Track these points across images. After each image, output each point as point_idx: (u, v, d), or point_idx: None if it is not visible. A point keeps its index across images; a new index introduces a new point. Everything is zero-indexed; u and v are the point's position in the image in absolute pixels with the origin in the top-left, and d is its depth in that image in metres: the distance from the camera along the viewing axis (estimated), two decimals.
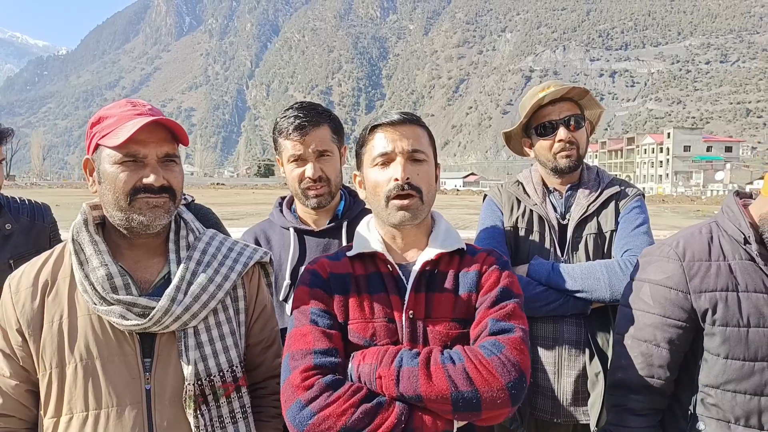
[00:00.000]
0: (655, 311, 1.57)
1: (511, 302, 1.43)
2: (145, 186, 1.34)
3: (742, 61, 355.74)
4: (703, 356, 1.56)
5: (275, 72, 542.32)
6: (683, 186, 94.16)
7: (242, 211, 30.08)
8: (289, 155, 1.91)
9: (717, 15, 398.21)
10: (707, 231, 1.61)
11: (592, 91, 1.96)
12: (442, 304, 1.44)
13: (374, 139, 1.50)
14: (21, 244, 2.08)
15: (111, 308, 1.33)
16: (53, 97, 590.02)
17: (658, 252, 1.63)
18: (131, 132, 1.29)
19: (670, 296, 1.55)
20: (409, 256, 1.52)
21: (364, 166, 1.53)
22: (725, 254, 1.54)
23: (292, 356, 1.36)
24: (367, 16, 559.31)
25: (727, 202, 1.61)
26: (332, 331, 1.41)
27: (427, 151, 1.50)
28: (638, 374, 1.59)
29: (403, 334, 1.41)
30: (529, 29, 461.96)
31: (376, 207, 1.51)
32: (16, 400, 1.37)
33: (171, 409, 1.36)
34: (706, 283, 1.52)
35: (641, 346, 1.59)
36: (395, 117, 1.49)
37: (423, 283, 1.46)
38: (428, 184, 1.49)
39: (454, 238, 1.54)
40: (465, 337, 1.42)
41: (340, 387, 1.30)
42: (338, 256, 1.56)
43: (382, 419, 1.25)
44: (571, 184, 2.15)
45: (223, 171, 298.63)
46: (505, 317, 1.39)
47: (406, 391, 1.27)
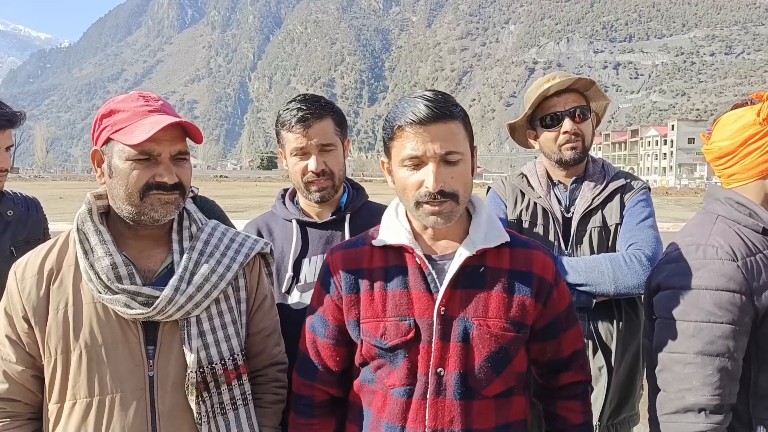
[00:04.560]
0: (724, 320, 1.41)
1: (577, 325, 1.52)
2: (158, 183, 1.36)
3: (746, 53, 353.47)
4: (758, 358, 1.47)
5: (278, 64, 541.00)
6: (687, 178, 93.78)
7: (246, 204, 30.08)
8: (292, 148, 1.89)
9: (722, 6, 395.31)
10: (725, 225, 1.53)
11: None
12: (493, 303, 1.36)
13: (402, 137, 1.33)
14: (20, 232, 2.13)
15: (115, 297, 1.35)
16: (56, 89, 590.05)
17: (703, 255, 1.47)
18: (151, 133, 1.31)
19: (736, 300, 1.41)
20: (441, 247, 1.43)
21: (393, 161, 1.39)
22: (757, 246, 1.48)
23: (300, 353, 1.56)
24: (369, 8, 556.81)
25: (727, 194, 1.56)
26: (325, 341, 1.49)
27: (463, 148, 1.34)
28: (714, 393, 1.40)
29: (434, 331, 1.34)
30: (533, 21, 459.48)
31: (407, 205, 1.40)
32: (21, 385, 1.40)
33: (173, 396, 1.39)
34: (762, 279, 1.43)
35: (715, 362, 1.40)
36: (424, 113, 1.29)
37: (463, 279, 1.37)
38: (464, 184, 1.35)
39: (497, 230, 1.43)
40: (518, 341, 1.38)
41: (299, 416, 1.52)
42: (359, 243, 1.50)
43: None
44: (576, 176, 2.12)
45: (226, 163, 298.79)
46: (577, 338, 1.51)
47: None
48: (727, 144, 1.53)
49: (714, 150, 1.58)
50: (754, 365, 1.47)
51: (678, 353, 1.45)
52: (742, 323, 1.41)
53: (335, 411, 1.54)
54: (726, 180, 1.58)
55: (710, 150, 1.59)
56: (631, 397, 2.09)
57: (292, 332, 1.70)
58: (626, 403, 2.07)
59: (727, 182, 1.58)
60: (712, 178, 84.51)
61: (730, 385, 1.42)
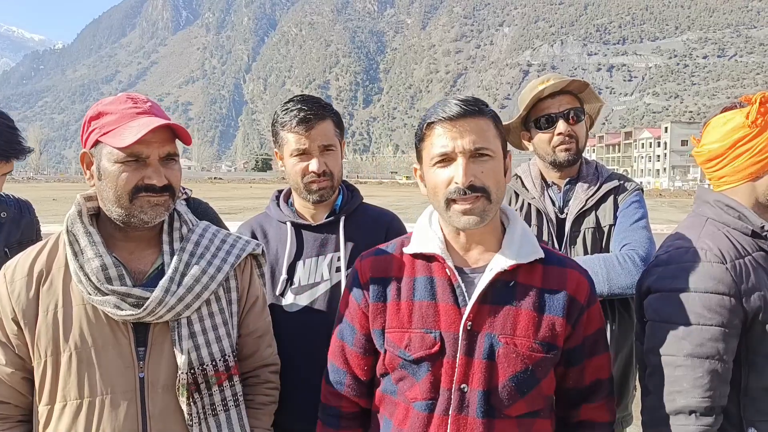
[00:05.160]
0: (714, 322, 1.41)
1: (606, 353, 1.45)
2: (147, 185, 1.36)
3: (739, 56, 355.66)
4: (747, 359, 1.47)
5: (272, 66, 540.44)
6: (681, 180, 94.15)
7: (240, 206, 30.05)
8: (292, 149, 1.87)
9: (714, 9, 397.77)
10: (714, 228, 1.52)
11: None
12: (521, 322, 1.32)
13: (432, 136, 1.33)
14: (13, 233, 2.13)
15: (105, 298, 1.34)
16: (49, 91, 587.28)
17: (692, 257, 1.48)
18: (138, 135, 1.30)
19: (725, 303, 1.41)
20: (473, 258, 1.39)
21: (423, 163, 1.38)
22: (746, 249, 1.48)
23: (328, 361, 1.54)
24: (364, 10, 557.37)
25: (716, 197, 1.56)
26: (353, 350, 1.47)
27: (493, 146, 1.31)
28: (705, 396, 1.40)
29: (459, 346, 1.30)
30: (527, 23, 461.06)
31: (438, 207, 1.36)
32: (11, 387, 1.39)
33: (164, 397, 1.38)
34: (751, 282, 1.44)
35: (705, 365, 1.40)
36: (454, 110, 1.29)
37: (493, 294, 1.33)
38: (496, 181, 1.31)
39: (531, 246, 1.38)
40: (547, 363, 1.34)
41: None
42: (389, 250, 1.48)
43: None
44: (570, 178, 2.13)
45: (220, 165, 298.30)
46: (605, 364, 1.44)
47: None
48: (716, 147, 1.54)
49: (704, 153, 1.58)
50: (744, 367, 1.47)
51: (668, 356, 1.45)
52: (731, 325, 1.41)
53: (362, 424, 1.52)
54: (716, 182, 1.59)
55: (700, 153, 1.60)
56: (623, 398, 2.10)
57: (286, 334, 1.70)
58: (619, 404, 2.07)
59: (717, 185, 1.59)
60: (705, 181, 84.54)
61: (721, 387, 1.41)
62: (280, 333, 1.69)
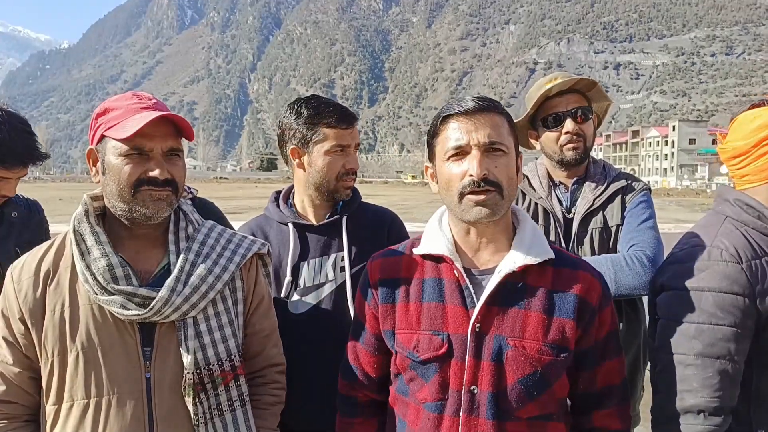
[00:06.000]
0: (726, 322, 1.39)
1: (619, 357, 1.43)
2: (149, 179, 1.36)
3: (747, 53, 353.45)
4: (759, 361, 1.45)
5: (277, 65, 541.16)
6: (688, 179, 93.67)
7: (245, 205, 29.97)
8: (333, 144, 1.85)
9: (722, 7, 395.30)
10: (733, 227, 1.50)
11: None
12: (531, 324, 1.31)
13: (447, 130, 1.34)
14: (24, 232, 2.17)
15: (112, 298, 1.35)
16: (55, 91, 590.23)
17: (707, 256, 1.46)
18: (139, 126, 1.31)
19: (738, 303, 1.39)
20: (482, 259, 1.39)
21: (437, 158, 1.38)
22: (765, 250, 1.45)
23: (345, 354, 1.57)
24: (369, 9, 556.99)
25: (736, 196, 1.54)
26: (364, 348, 1.51)
27: (507, 142, 1.33)
28: (714, 396, 1.39)
29: (467, 348, 1.31)
30: (533, 21, 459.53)
31: (450, 203, 1.36)
32: (18, 386, 1.40)
33: (170, 397, 1.39)
34: (767, 283, 1.41)
35: (715, 365, 1.39)
36: (470, 105, 1.32)
37: (502, 296, 1.32)
38: (508, 177, 1.32)
39: (541, 246, 1.37)
40: (558, 366, 1.32)
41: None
42: (399, 251, 1.49)
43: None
44: (577, 177, 2.12)
45: (225, 165, 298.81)
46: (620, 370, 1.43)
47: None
48: (741, 144, 1.51)
49: (728, 149, 1.55)
50: (756, 369, 1.46)
51: (679, 354, 1.44)
52: (744, 326, 1.40)
53: (378, 414, 1.54)
54: (739, 181, 1.56)
55: (725, 149, 1.57)
56: (631, 399, 2.07)
57: (291, 334, 1.70)
58: None
59: (739, 183, 1.56)
60: (713, 179, 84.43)
61: (731, 387, 1.40)
62: (287, 335, 1.68)
